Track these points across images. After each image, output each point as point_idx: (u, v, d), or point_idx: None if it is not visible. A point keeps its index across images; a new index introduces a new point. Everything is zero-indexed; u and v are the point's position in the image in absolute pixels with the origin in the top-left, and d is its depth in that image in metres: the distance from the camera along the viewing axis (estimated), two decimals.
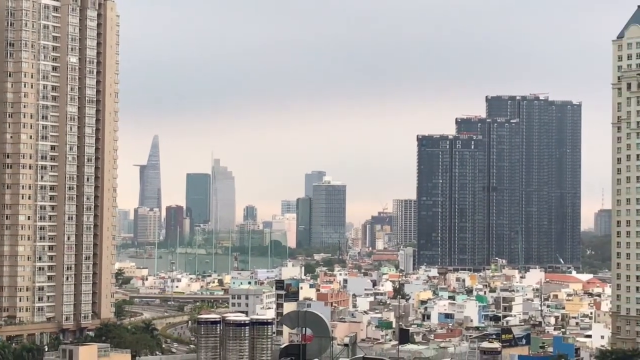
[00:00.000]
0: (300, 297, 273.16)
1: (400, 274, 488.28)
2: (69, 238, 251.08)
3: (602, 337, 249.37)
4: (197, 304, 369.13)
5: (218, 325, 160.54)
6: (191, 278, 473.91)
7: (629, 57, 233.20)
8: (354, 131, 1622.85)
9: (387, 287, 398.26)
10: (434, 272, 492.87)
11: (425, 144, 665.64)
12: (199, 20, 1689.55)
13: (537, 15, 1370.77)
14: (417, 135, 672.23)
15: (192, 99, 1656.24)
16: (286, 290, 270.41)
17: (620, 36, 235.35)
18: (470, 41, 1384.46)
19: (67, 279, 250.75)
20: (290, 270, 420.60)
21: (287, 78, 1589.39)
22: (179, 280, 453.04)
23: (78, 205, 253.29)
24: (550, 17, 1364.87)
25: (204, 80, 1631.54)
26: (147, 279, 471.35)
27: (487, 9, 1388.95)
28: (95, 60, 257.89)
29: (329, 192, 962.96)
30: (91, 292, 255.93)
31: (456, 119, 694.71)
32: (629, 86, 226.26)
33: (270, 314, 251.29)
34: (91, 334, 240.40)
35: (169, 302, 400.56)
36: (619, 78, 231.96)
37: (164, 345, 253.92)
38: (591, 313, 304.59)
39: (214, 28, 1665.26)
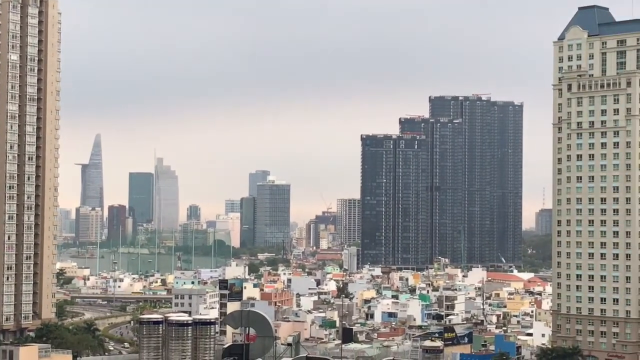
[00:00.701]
0: (244, 297, 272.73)
1: (344, 274, 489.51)
2: (9, 237, 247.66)
3: (543, 335, 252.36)
4: (140, 304, 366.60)
5: (160, 325, 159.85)
6: (134, 278, 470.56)
7: (570, 58, 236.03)
8: (298, 131, 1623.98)
9: (331, 286, 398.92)
10: (377, 271, 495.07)
11: (369, 143, 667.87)
12: (143, 18, 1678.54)
13: (480, 16, 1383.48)
14: (361, 135, 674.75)
15: (135, 98, 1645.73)
16: (230, 290, 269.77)
17: (561, 38, 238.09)
18: (413, 41, 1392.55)
19: (8, 278, 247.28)
20: (234, 270, 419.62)
21: (230, 77, 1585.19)
22: (121, 280, 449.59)
23: (18, 205, 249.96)
24: (493, 18, 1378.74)
25: (147, 79, 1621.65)
26: (88, 279, 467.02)
27: (430, 10, 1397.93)
28: (37, 58, 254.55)
29: (273, 191, 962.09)
30: (32, 292, 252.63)
31: (400, 118, 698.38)
32: (569, 87, 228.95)
33: (213, 314, 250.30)
34: (32, 334, 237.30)
35: (111, 302, 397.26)
36: (559, 79, 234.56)
37: (105, 346, 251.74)
38: (532, 311, 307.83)
39: (157, 27, 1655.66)
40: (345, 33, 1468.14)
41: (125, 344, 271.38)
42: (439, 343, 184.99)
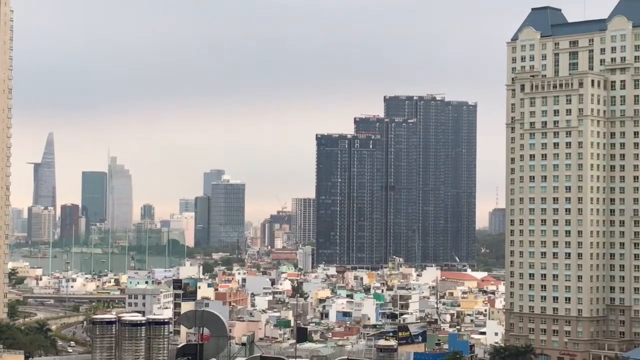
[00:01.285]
0: (198, 297, 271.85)
1: (299, 273, 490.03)
2: None
3: (496, 333, 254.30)
4: (93, 304, 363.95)
5: (114, 325, 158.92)
6: (87, 278, 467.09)
7: (523, 59, 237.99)
8: (253, 130, 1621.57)
9: (285, 285, 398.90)
10: (332, 270, 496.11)
11: (324, 143, 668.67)
12: (95, 16, 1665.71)
13: (435, 17, 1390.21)
14: (316, 135, 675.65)
15: (88, 97, 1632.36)
16: (184, 290, 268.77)
17: (515, 38, 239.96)
18: (369, 41, 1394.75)
19: None
20: (188, 270, 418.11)
21: (185, 75, 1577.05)
22: (74, 280, 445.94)
23: None
24: (448, 19, 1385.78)
25: (101, 77, 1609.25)
26: (41, 279, 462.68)
27: (385, 11, 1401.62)
28: None
29: (227, 190, 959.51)
30: None
31: (355, 118, 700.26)
32: (522, 87, 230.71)
33: (167, 314, 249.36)
34: None
35: (63, 303, 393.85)
36: (512, 79, 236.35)
37: (58, 346, 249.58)
38: (485, 310, 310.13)
39: (111, 24, 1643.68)
40: (300, 32, 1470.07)
41: (72, 342, 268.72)
42: (393, 342, 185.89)
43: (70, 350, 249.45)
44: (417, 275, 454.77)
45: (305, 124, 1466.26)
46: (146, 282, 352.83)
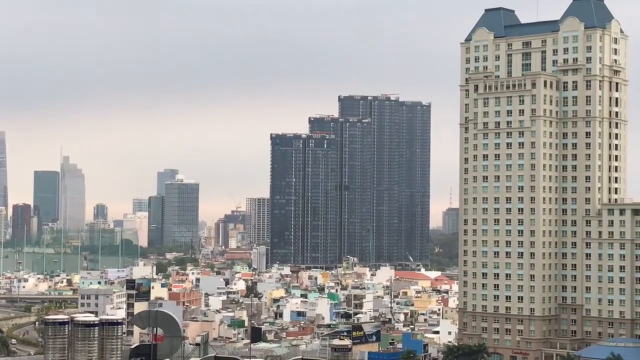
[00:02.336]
0: (152, 297, 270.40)
1: (253, 273, 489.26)
2: None
3: (450, 333, 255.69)
4: (45, 304, 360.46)
5: (66, 325, 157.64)
6: (39, 278, 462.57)
7: (476, 59, 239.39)
8: (207, 130, 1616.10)
9: (240, 285, 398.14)
10: (286, 270, 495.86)
11: (279, 142, 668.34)
12: (46, 14, 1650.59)
13: (391, 17, 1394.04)
14: (271, 134, 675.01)
15: (40, 95, 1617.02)
16: (137, 290, 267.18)
17: (468, 39, 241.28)
18: (323, 41, 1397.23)
19: None
20: (142, 270, 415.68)
21: (139, 75, 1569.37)
22: (26, 280, 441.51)
23: None
24: (403, 19, 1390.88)
25: (53, 76, 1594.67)
26: None
27: (340, 11, 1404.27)
28: None
29: (181, 190, 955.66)
30: None
31: (309, 118, 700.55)
32: (475, 88, 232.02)
33: (120, 314, 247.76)
34: None
35: (15, 303, 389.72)
36: (466, 80, 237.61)
37: (10, 347, 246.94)
38: (439, 310, 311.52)
39: (63, 22, 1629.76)
40: (255, 31, 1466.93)
41: (13, 340, 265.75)
42: (347, 341, 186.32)
43: (15, 350, 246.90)
44: (371, 274, 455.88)
45: (259, 124, 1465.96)
46: (99, 283, 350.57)
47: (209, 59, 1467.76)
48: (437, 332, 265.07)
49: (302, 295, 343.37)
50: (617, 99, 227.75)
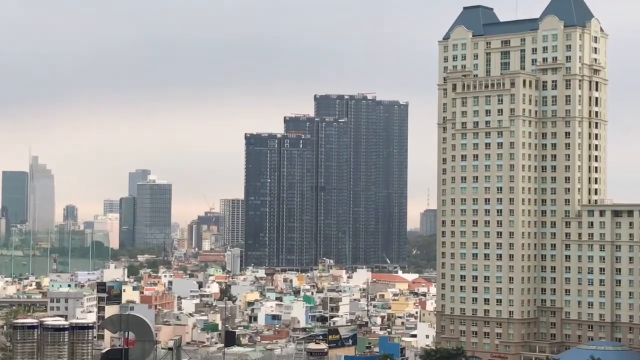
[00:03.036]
0: (123, 300, 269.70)
1: (227, 275, 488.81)
2: None
3: (427, 336, 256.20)
4: (14, 307, 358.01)
5: (35, 329, 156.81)
6: (7, 281, 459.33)
7: (454, 58, 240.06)
8: (180, 129, 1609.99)
9: (213, 288, 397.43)
10: (261, 273, 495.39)
11: (253, 142, 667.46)
12: (15, 10, 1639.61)
13: (368, 15, 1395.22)
14: (245, 134, 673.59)
15: (8, 94, 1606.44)
16: (108, 293, 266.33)
17: (446, 37, 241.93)
18: (299, 40, 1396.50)
19: None
20: (113, 272, 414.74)
21: (109, 73, 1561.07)
22: None
23: None
24: (380, 17, 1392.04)
25: (20, 73, 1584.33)
26: None
27: (315, 7, 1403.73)
28: None
29: (153, 191, 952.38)
30: None
31: (284, 117, 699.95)
32: (454, 87, 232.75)
33: (91, 318, 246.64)
34: None
35: None
36: (444, 79, 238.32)
37: None
38: (416, 313, 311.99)
39: (30, 18, 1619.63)
40: (230, 29, 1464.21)
41: None
42: (323, 345, 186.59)
43: None
44: (348, 277, 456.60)
45: (233, 123, 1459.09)
46: (69, 285, 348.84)
47: (182, 55, 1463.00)
48: (414, 336, 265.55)
49: (277, 298, 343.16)
50: (597, 98, 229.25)
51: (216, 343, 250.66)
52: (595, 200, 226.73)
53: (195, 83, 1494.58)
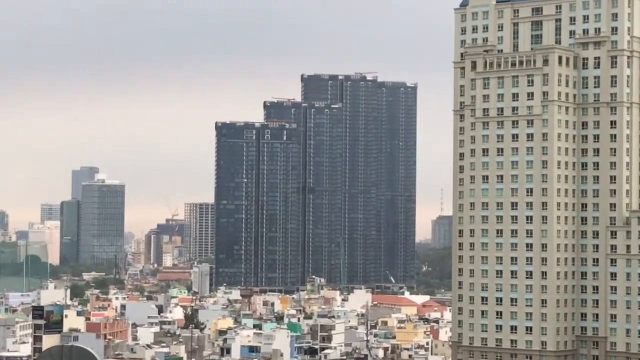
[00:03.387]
0: (65, 328, 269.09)
1: (194, 298, 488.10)
2: None
3: None
4: None
5: None
6: None
7: (474, 29, 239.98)
8: (135, 118, 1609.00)
9: (176, 314, 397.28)
10: (235, 294, 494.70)
11: (226, 133, 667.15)
12: None
13: None
14: (216, 123, 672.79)
15: None
16: (47, 320, 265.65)
17: (464, 4, 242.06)
18: (283, 9, 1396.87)
19: None
20: (53, 294, 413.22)
21: (47, 50, 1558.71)
22: None
23: None
24: None
25: None
26: None
27: None
28: None
29: (103, 193, 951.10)
30: None
31: (264, 102, 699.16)
32: (473, 65, 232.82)
33: (25, 350, 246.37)
34: None
35: None
36: (462, 55, 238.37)
37: None
38: (427, 343, 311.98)
39: None
40: (200, 1, 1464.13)
41: None
42: None
43: None
44: (343, 299, 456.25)
45: (202, 110, 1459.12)
46: None
47: (138, 26, 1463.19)
48: None
49: (255, 326, 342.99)
50: None
51: None
52: None
53: (154, 60, 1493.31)
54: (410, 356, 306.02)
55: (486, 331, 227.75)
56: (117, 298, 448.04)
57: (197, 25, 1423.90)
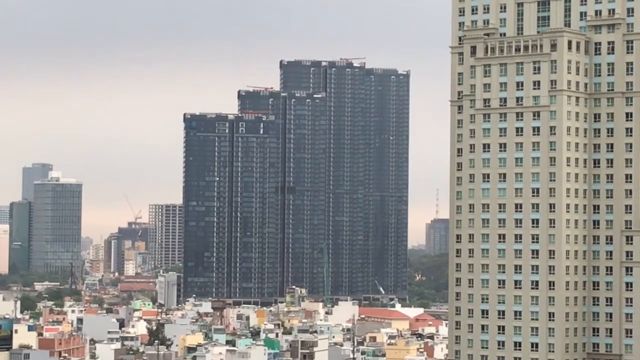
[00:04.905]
0: (15, 345, 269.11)
1: (159, 311, 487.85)
2: None
3: None
4: None
5: None
6: None
7: (474, 10, 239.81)
8: (93, 109, 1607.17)
9: (140, 328, 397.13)
10: (206, 306, 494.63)
11: (196, 126, 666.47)
12: None
13: None
14: (184, 114, 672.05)
15: None
16: None
17: None
18: None
19: None
20: (0, 306, 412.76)
21: None
22: None
23: None
24: None
25: None
26: None
27: None
28: None
29: (57, 193, 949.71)
30: None
31: (239, 92, 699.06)
32: (473, 50, 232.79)
33: None
34: None
35: None
36: (460, 39, 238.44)
37: None
38: None
39: None
40: None
41: None
42: None
43: None
44: (326, 312, 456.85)
45: (168, 100, 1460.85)
46: None
47: (97, 12, 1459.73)
48: None
49: (228, 342, 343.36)
50: None
51: None
52: None
53: (114, 43, 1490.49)
54: None
55: (487, 348, 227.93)
56: (73, 311, 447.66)
57: (164, 9, 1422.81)
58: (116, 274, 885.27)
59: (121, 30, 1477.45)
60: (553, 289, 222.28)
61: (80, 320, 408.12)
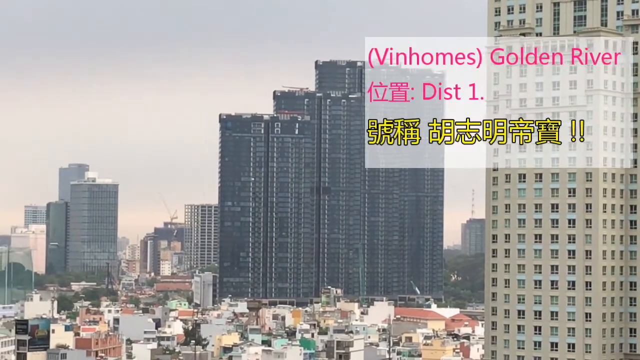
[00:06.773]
0: (52, 345, 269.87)
1: (195, 311, 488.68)
2: None
3: None
4: None
5: None
6: None
7: (510, 10, 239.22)
8: (129, 110, 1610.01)
9: (176, 328, 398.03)
10: (242, 307, 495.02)
11: (231, 127, 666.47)
12: None
13: None
14: (220, 115, 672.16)
15: None
16: (31, 335, 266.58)
17: None
18: None
19: None
20: (38, 306, 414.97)
21: (26, 43, 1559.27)
22: None
23: None
24: None
25: None
26: None
27: None
28: None
29: (94, 193, 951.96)
30: None
31: (274, 92, 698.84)
32: (509, 50, 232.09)
33: None
34: None
35: None
36: (495, 39, 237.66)
37: None
38: None
39: None
40: None
41: None
42: None
43: None
44: (362, 313, 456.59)
45: (204, 101, 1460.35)
46: None
47: (131, 13, 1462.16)
48: None
49: (264, 342, 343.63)
50: None
51: None
52: None
53: (149, 45, 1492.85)
54: None
55: (523, 348, 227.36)
56: (109, 311, 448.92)
57: (198, 8, 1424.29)
58: (152, 274, 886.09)
59: (154, 35, 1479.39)
60: (590, 289, 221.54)
61: (116, 320, 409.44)
